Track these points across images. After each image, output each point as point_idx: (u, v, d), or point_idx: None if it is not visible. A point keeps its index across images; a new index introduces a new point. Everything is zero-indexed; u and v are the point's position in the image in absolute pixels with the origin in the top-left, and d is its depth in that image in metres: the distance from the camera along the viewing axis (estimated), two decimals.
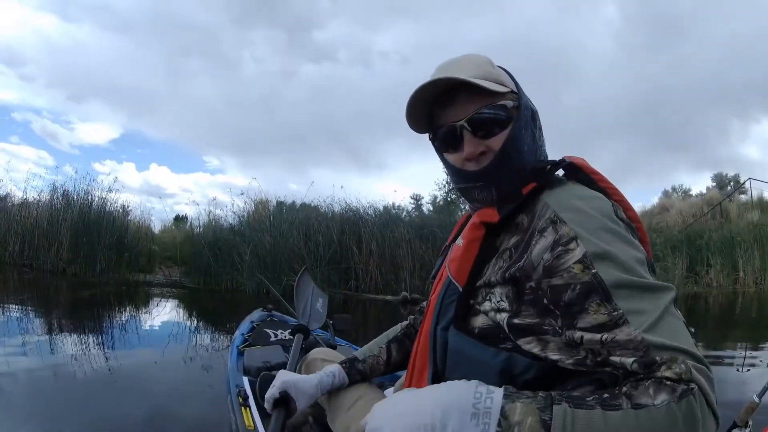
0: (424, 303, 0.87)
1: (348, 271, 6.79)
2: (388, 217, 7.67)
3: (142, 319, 4.50)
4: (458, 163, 0.68)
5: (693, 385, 0.46)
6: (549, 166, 0.68)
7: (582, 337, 0.52)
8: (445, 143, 0.69)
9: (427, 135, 0.73)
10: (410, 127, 0.71)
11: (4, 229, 7.03)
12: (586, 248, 0.54)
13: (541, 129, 0.70)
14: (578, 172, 0.67)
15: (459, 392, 0.50)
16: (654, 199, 14.98)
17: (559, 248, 0.55)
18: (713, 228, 9.12)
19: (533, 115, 0.69)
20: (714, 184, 16.21)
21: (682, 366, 0.47)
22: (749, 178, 11.89)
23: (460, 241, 0.72)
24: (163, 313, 5.01)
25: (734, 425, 1.30)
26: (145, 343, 3.41)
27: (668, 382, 0.47)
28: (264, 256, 6.66)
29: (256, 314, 2.24)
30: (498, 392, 0.49)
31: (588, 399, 0.47)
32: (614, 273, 0.52)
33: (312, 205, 8.09)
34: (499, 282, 0.61)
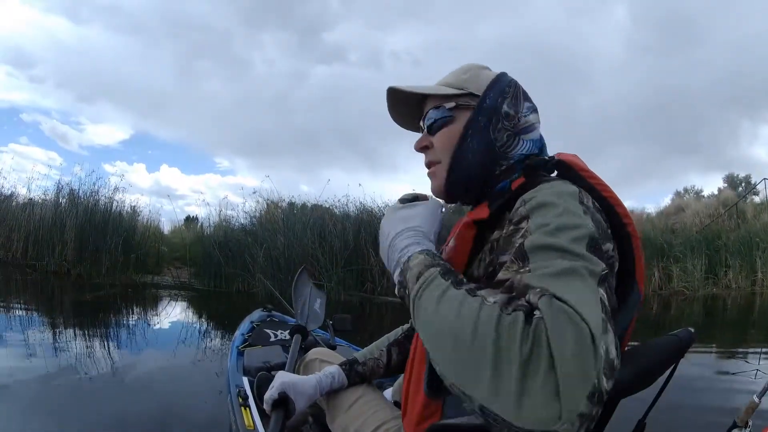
0: None
1: (364, 273, 6.66)
2: None
3: (148, 321, 4.48)
4: None
5: (539, 314, 0.41)
6: (540, 164, 0.68)
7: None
8: None
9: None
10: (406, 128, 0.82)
11: (7, 228, 6.87)
12: (531, 223, 0.54)
13: (510, 131, 0.69)
14: (569, 170, 0.66)
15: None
16: (666, 200, 14.74)
17: (511, 227, 0.56)
18: (730, 229, 8.93)
19: (497, 116, 0.68)
20: (725, 185, 15.80)
21: (546, 299, 0.42)
22: (764, 179, 11.50)
23: (452, 242, 0.71)
24: (171, 315, 4.99)
25: (734, 425, 1.27)
26: (151, 346, 3.41)
27: (521, 300, 0.43)
28: (277, 258, 6.56)
29: (256, 314, 2.23)
30: (425, 248, 0.59)
31: (464, 283, 0.50)
32: (537, 238, 0.50)
33: (325, 206, 7.85)
34: (482, 276, 0.62)
